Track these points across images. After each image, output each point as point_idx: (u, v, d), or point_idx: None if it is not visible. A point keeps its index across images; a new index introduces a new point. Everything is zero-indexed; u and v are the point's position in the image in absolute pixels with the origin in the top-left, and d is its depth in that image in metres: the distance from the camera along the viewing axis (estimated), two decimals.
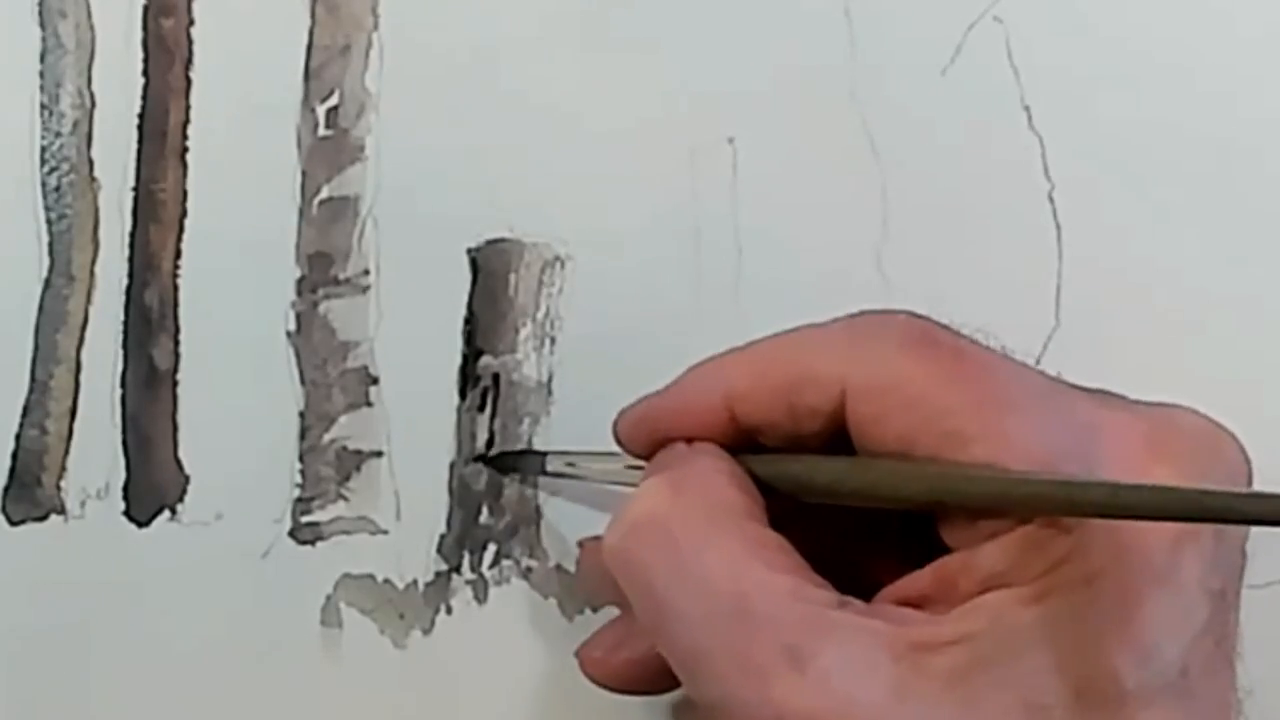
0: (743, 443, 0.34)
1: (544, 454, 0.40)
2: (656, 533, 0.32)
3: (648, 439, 0.36)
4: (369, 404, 0.41)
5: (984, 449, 0.31)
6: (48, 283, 0.40)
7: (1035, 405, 0.32)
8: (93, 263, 0.41)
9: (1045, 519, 0.30)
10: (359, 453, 0.41)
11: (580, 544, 0.40)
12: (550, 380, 0.41)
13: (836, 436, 0.33)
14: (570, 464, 0.39)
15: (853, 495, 0.33)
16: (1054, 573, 0.30)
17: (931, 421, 0.31)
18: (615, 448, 0.37)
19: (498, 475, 0.41)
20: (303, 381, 0.41)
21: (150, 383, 0.41)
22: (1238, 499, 0.28)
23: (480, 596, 0.41)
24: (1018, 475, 0.30)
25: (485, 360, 0.41)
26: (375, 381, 0.41)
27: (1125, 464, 0.31)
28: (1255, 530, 0.32)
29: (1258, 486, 0.33)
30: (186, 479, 0.40)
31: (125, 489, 0.40)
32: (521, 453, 0.41)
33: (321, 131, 0.41)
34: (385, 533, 0.41)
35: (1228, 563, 0.31)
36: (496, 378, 0.41)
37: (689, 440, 0.35)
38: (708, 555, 0.32)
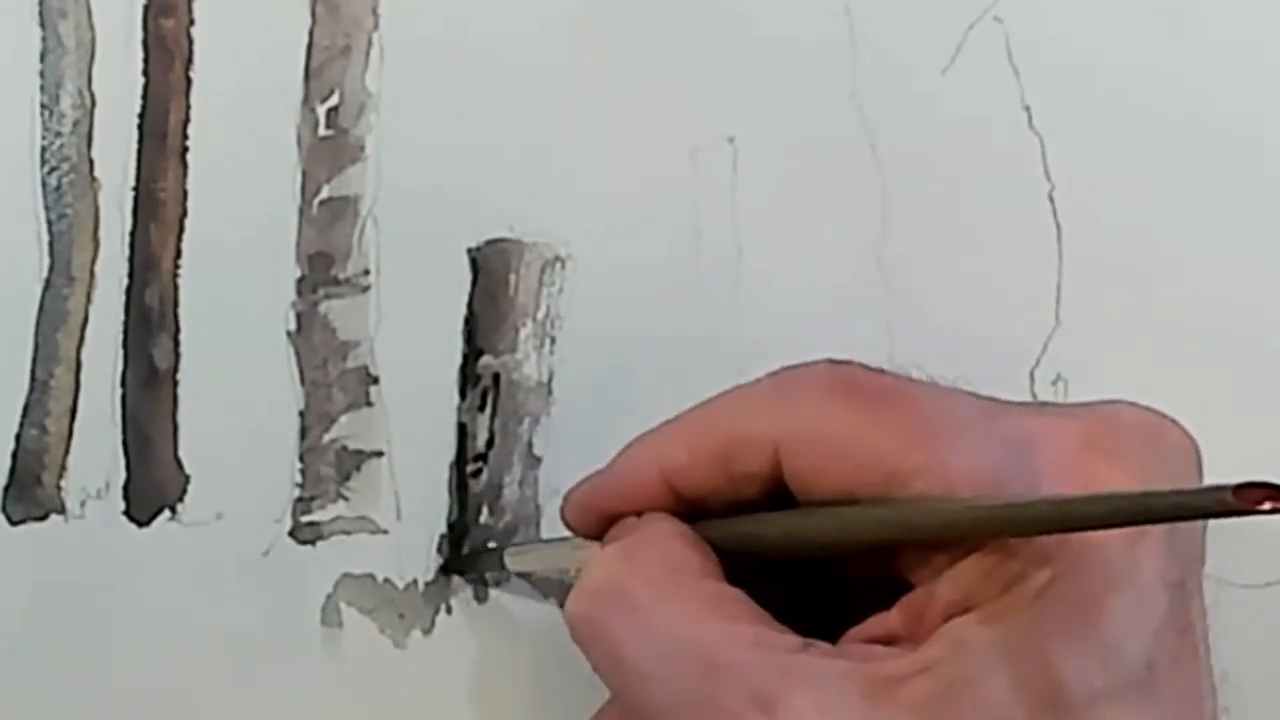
0: (689, 511, 0.35)
1: (500, 549, 0.40)
2: (615, 597, 0.33)
3: (596, 519, 0.36)
4: (369, 404, 0.41)
5: (925, 483, 0.31)
6: (48, 282, 0.40)
7: (966, 430, 0.32)
8: (93, 262, 0.41)
9: (998, 541, 0.30)
10: (359, 452, 0.41)
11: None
12: (550, 380, 0.41)
13: (777, 496, 0.33)
14: (525, 553, 0.40)
15: (805, 546, 0.33)
16: (1011, 590, 0.30)
17: (868, 467, 0.31)
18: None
19: (498, 475, 0.41)
20: (303, 381, 0.41)
21: (150, 382, 0.40)
22: (1179, 495, 0.28)
23: (480, 596, 0.41)
24: (961, 504, 0.30)
25: (485, 360, 0.41)
26: (375, 381, 0.41)
27: (1064, 467, 0.31)
28: (1256, 530, 0.32)
29: (1256, 474, 0.33)
30: (186, 479, 0.40)
31: (125, 489, 0.40)
32: (480, 552, 0.41)
33: (322, 131, 0.41)
34: (385, 532, 0.41)
35: (1185, 553, 0.32)
36: (497, 377, 0.41)
37: (638, 514, 0.35)
38: (667, 614, 0.32)
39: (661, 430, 0.35)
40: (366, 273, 0.41)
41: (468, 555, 0.41)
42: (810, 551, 0.33)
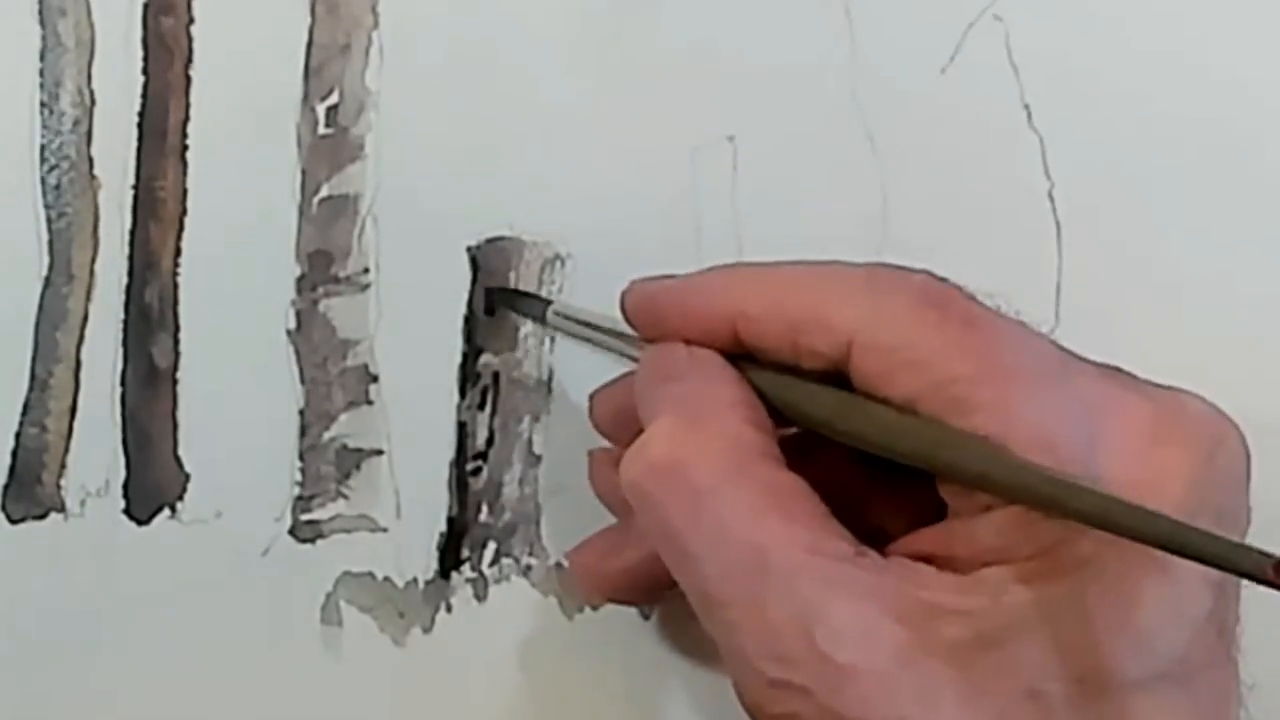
0: (740, 354, 0.34)
1: (548, 302, 0.40)
2: (674, 476, 0.32)
3: (650, 324, 0.35)
4: (369, 402, 0.41)
5: (986, 419, 0.30)
6: (48, 281, 0.40)
7: (1042, 380, 0.31)
8: (92, 261, 0.41)
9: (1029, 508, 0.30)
10: (359, 451, 0.41)
11: (590, 454, 0.39)
12: (550, 378, 0.41)
13: (837, 378, 0.33)
14: (569, 317, 0.39)
15: (845, 435, 0.32)
16: (1049, 554, 0.30)
17: (936, 386, 0.31)
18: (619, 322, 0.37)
19: (497, 473, 0.41)
20: (303, 379, 0.41)
21: (150, 381, 0.41)
22: (1221, 544, 0.27)
23: (480, 595, 0.41)
24: (1011, 460, 0.30)
25: (485, 358, 0.41)
26: (375, 379, 0.41)
27: (1128, 445, 0.30)
28: (1256, 528, 0.32)
29: (1256, 484, 0.33)
30: (186, 477, 0.40)
31: (125, 487, 0.40)
32: (526, 294, 0.40)
33: (321, 130, 0.41)
34: (385, 531, 0.41)
35: None
36: (496, 376, 0.41)
37: (688, 342, 0.34)
38: (725, 504, 0.31)
39: (743, 273, 0.34)
40: (366, 271, 0.41)
41: (511, 291, 0.41)
42: (848, 441, 0.32)
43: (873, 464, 0.34)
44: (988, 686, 0.29)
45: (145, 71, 0.41)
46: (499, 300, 0.41)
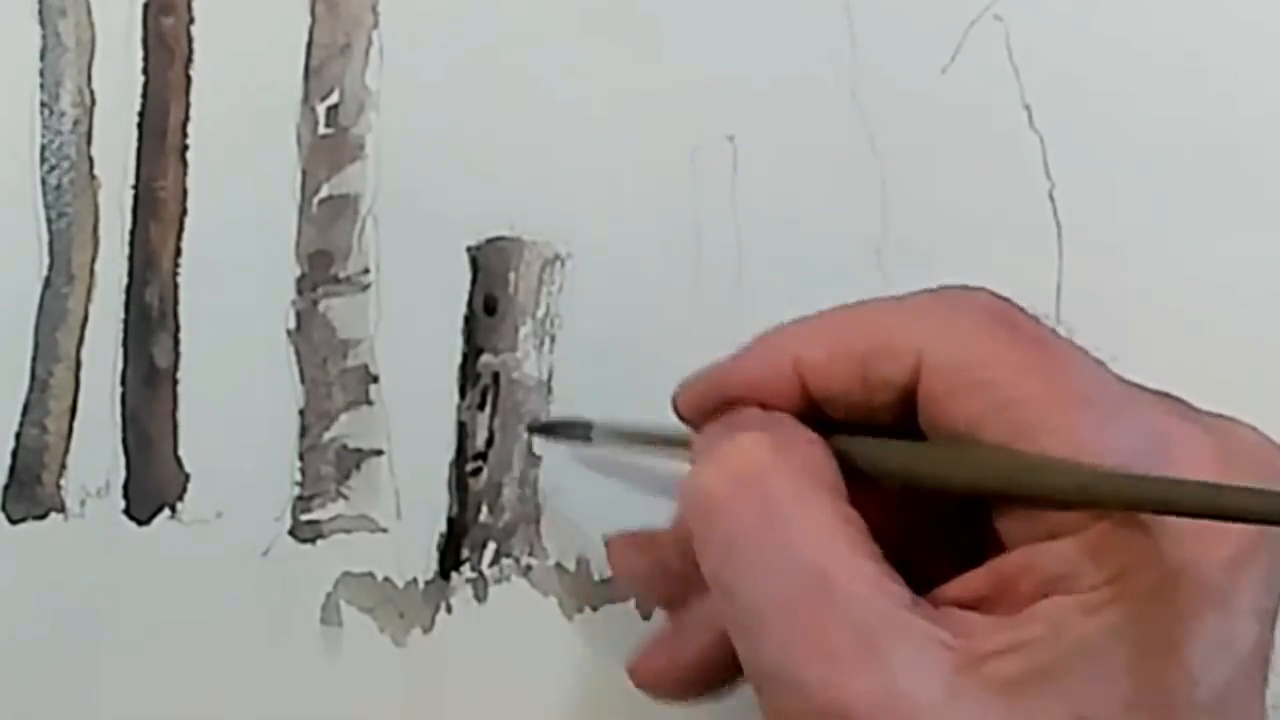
0: (809, 414, 0.34)
1: (590, 425, 0.39)
2: (752, 486, 0.31)
3: (714, 405, 0.35)
4: (369, 402, 0.41)
5: (1053, 443, 0.30)
6: (48, 281, 0.40)
7: (1109, 406, 0.31)
8: (93, 261, 0.41)
9: (1108, 525, 0.30)
10: (359, 451, 0.41)
11: (609, 541, 0.38)
12: (550, 379, 0.41)
13: (907, 411, 0.32)
14: (616, 432, 0.39)
15: (924, 477, 0.32)
16: (1122, 579, 0.29)
17: (1003, 408, 0.30)
18: (665, 426, 0.36)
19: (497, 473, 0.41)
20: (303, 380, 0.41)
21: (150, 381, 0.41)
22: None
23: (480, 595, 0.41)
24: (1114, 471, 0.29)
25: (485, 358, 0.41)
26: (375, 380, 0.41)
27: (1196, 476, 0.30)
28: None
29: None
30: (187, 477, 0.40)
31: (125, 487, 0.40)
32: (569, 423, 0.40)
33: (322, 130, 0.41)
34: (385, 531, 0.41)
35: (1275, 583, 0.31)
36: (496, 376, 0.41)
37: (763, 406, 0.34)
38: (798, 522, 0.31)
39: (800, 325, 0.34)
40: (366, 271, 0.41)
41: (553, 422, 0.40)
42: (927, 483, 0.32)
43: (914, 516, 0.33)
44: (1037, 713, 0.29)
45: (145, 71, 0.41)
46: (540, 433, 0.41)
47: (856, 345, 0.33)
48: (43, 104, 0.40)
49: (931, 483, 0.32)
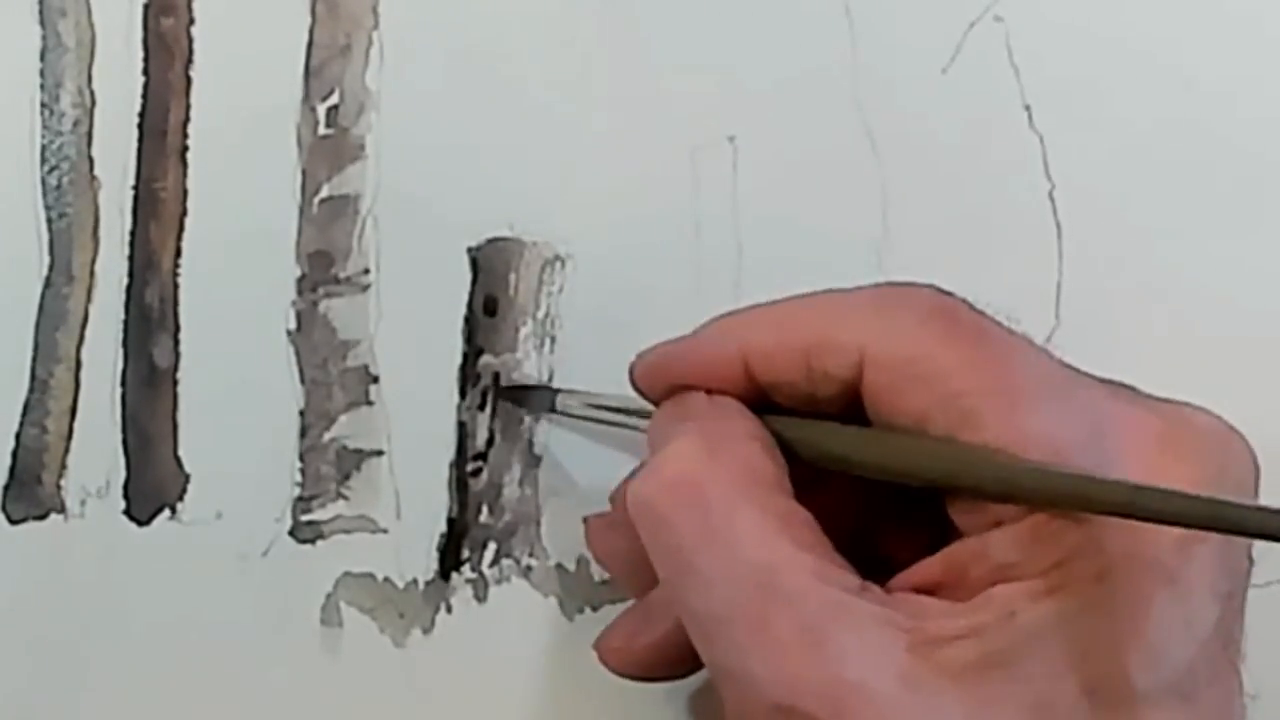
0: (756, 399, 0.34)
1: (555, 391, 0.40)
2: (689, 493, 0.32)
3: (664, 385, 0.36)
4: (369, 403, 0.41)
5: (997, 434, 0.30)
6: (48, 281, 0.40)
7: (1052, 394, 0.31)
8: (93, 261, 0.41)
9: (1048, 514, 0.30)
10: (359, 451, 0.41)
11: (586, 520, 0.39)
12: (550, 379, 0.41)
13: (851, 403, 0.33)
14: (578, 405, 0.39)
15: (865, 467, 0.33)
16: (1063, 567, 0.30)
17: (947, 400, 0.31)
18: (630, 398, 0.37)
19: (497, 474, 0.41)
20: (303, 380, 0.41)
21: (150, 381, 0.41)
22: (1254, 513, 0.27)
23: (480, 595, 0.41)
24: (1037, 466, 0.30)
25: (485, 359, 0.41)
26: (375, 380, 0.41)
27: (1139, 460, 0.31)
28: None
29: (1260, 487, 0.33)
30: (187, 478, 0.40)
31: (125, 488, 0.40)
32: (532, 388, 0.41)
33: (322, 130, 0.41)
34: (385, 531, 0.41)
35: (1236, 566, 0.31)
36: (496, 376, 0.41)
37: (708, 391, 0.35)
38: (738, 524, 0.31)
39: (749, 313, 0.35)
40: (366, 272, 0.41)
41: (520, 389, 0.41)
42: (869, 473, 0.33)
43: (874, 500, 0.34)
44: (995, 703, 0.29)
45: (146, 72, 0.41)
46: (505, 397, 0.41)
47: (800, 337, 0.33)
48: (43, 104, 0.40)
49: (872, 471, 0.33)
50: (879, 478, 0.33)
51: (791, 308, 0.34)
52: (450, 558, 0.41)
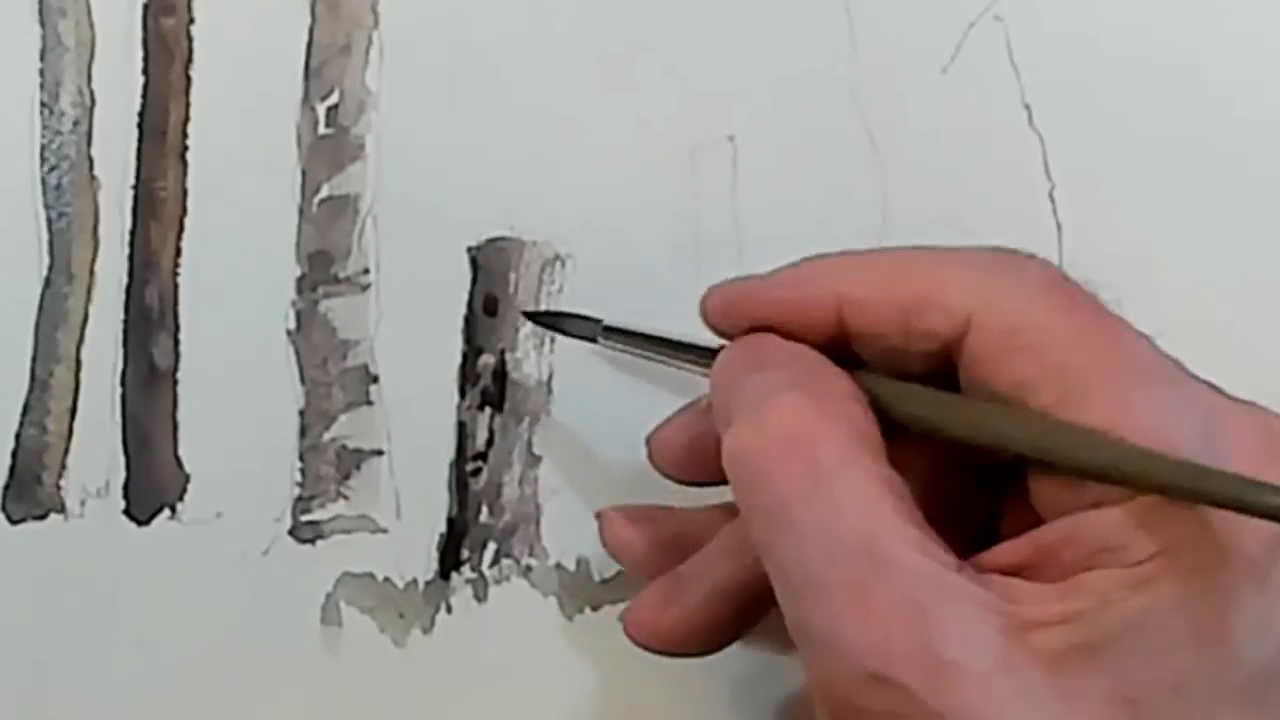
0: (837, 349, 0.33)
1: (598, 322, 0.39)
2: (799, 450, 0.31)
3: (743, 322, 0.35)
4: (369, 402, 0.41)
5: (1103, 413, 0.30)
6: (48, 281, 0.40)
7: (1164, 382, 0.31)
8: (93, 261, 0.41)
9: (1155, 500, 0.29)
10: (359, 451, 0.41)
11: (601, 515, 0.38)
12: (550, 379, 0.41)
13: (939, 366, 0.32)
14: (623, 331, 0.38)
15: (954, 431, 0.32)
16: (1162, 558, 0.29)
17: (1054, 373, 0.30)
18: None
19: (497, 474, 0.41)
20: (303, 380, 0.41)
21: (150, 381, 0.41)
22: None
23: (480, 595, 0.41)
24: (1153, 451, 0.29)
25: (485, 358, 0.41)
26: (375, 380, 0.41)
27: (1243, 458, 0.30)
28: None
29: None
30: (187, 478, 0.40)
31: (125, 488, 0.40)
32: (573, 315, 0.39)
33: (322, 130, 0.41)
34: (385, 531, 0.41)
35: None
36: (496, 376, 0.41)
37: (786, 336, 0.34)
38: (844, 487, 0.30)
39: (846, 259, 0.34)
40: (366, 271, 0.41)
41: (558, 312, 0.40)
42: (958, 436, 0.32)
43: (952, 477, 0.33)
44: (1085, 693, 0.29)
45: (145, 72, 0.41)
46: (540, 322, 0.40)
47: (905, 291, 0.32)
48: (43, 104, 0.41)
49: (968, 438, 0.32)
50: (975, 443, 0.32)
51: (896, 259, 0.33)
52: (450, 558, 0.41)
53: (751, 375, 0.33)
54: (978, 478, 0.33)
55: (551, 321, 0.40)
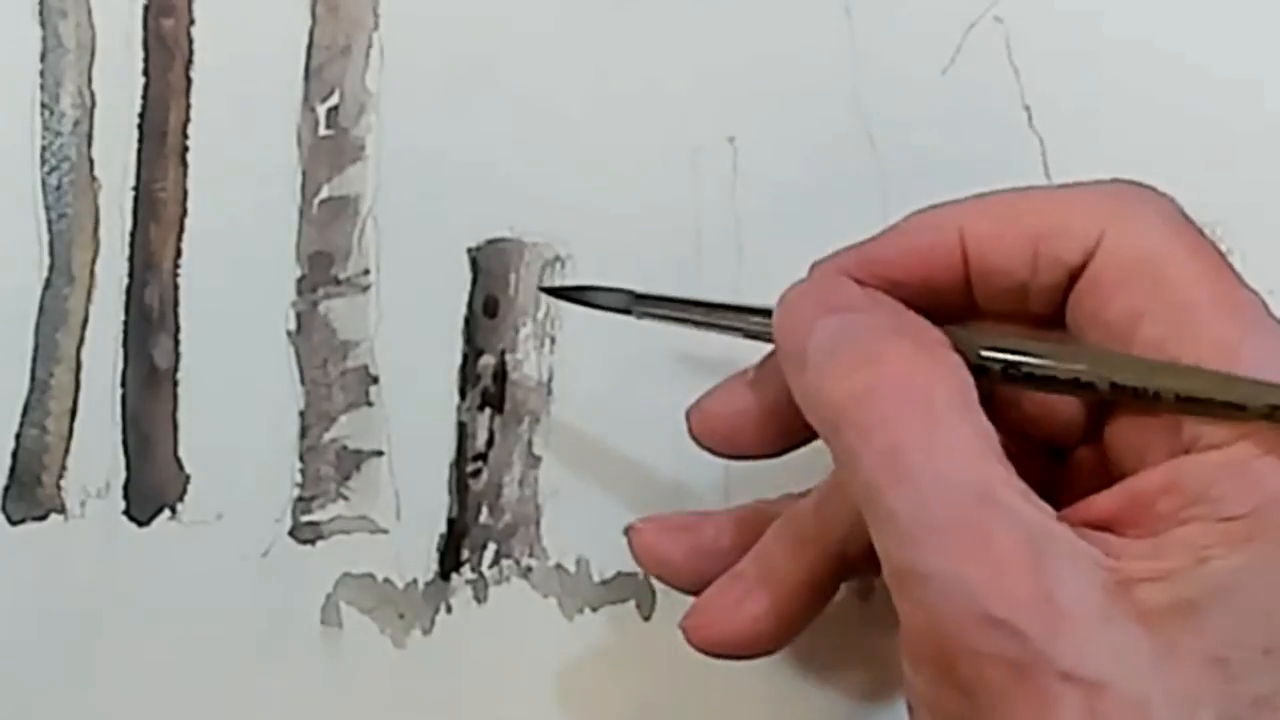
0: (959, 294, 0.33)
1: (631, 292, 0.37)
2: (915, 395, 0.30)
3: (876, 277, 0.34)
4: (369, 403, 0.41)
5: (1210, 353, 0.30)
6: (48, 282, 0.40)
7: (1273, 334, 0.30)
8: (93, 262, 0.41)
9: (1252, 443, 0.29)
10: (359, 452, 0.41)
11: (631, 529, 0.37)
12: (550, 380, 0.41)
13: (1058, 308, 0.32)
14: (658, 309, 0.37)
15: (1065, 372, 0.32)
16: (1259, 515, 0.29)
17: (1170, 308, 0.30)
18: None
19: (497, 474, 0.41)
20: (303, 381, 0.41)
21: (150, 382, 0.41)
22: None
23: (480, 596, 0.41)
24: (1255, 380, 0.29)
25: (485, 359, 0.41)
26: (375, 381, 0.41)
27: None
28: None
29: None
30: (187, 478, 0.40)
31: (125, 488, 0.40)
32: (605, 289, 0.38)
33: (322, 131, 0.41)
34: (385, 532, 0.41)
35: None
36: (496, 376, 0.41)
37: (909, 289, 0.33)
38: (959, 434, 0.30)
39: (963, 202, 0.33)
40: (366, 272, 0.41)
41: (583, 286, 0.38)
42: (1059, 372, 0.31)
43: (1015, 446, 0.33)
44: (1178, 651, 0.29)
45: (146, 73, 0.41)
46: (563, 296, 0.39)
47: (1032, 221, 0.32)
48: (43, 105, 0.41)
49: (1069, 375, 0.31)
50: (1076, 383, 0.31)
51: (1020, 195, 0.33)
52: (450, 558, 0.41)
53: (836, 318, 0.33)
54: (1034, 450, 0.33)
55: (576, 295, 0.38)
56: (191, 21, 0.41)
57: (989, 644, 0.29)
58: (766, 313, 0.34)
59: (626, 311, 0.37)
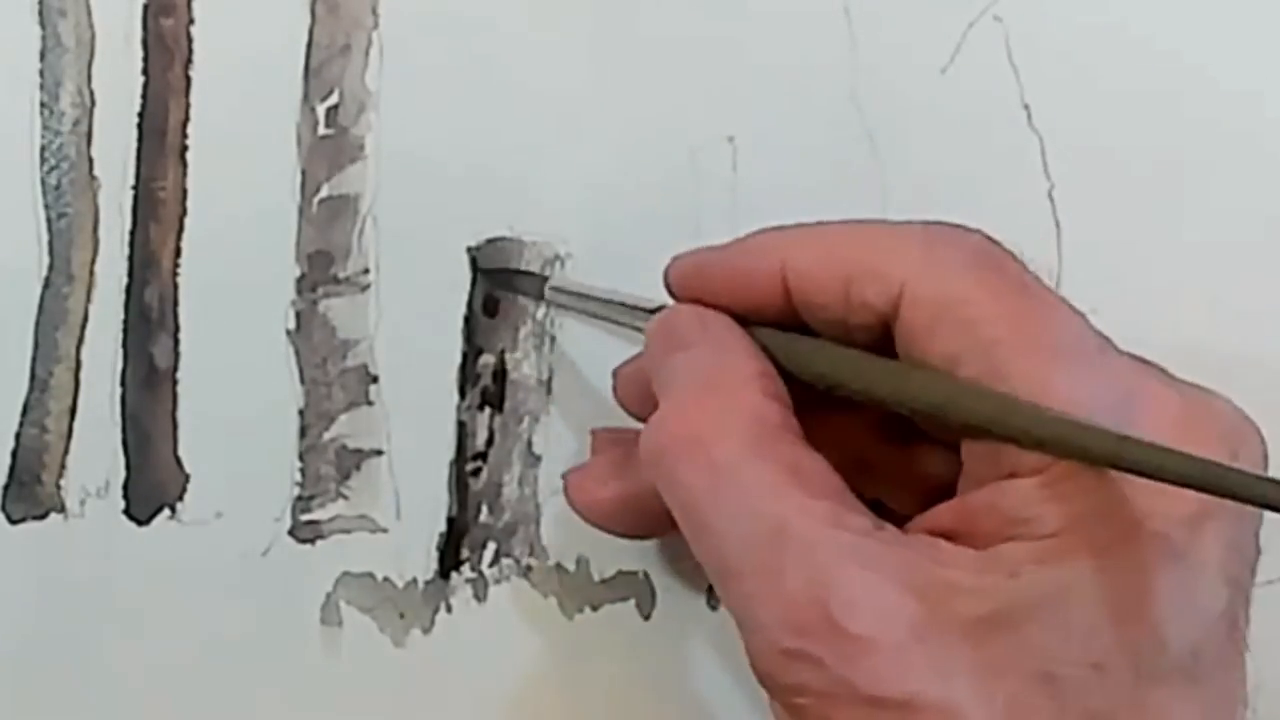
0: (786, 318, 0.34)
1: (546, 279, 0.40)
2: (695, 452, 0.32)
3: (697, 290, 0.35)
4: (369, 402, 0.41)
5: (1023, 388, 0.30)
6: (48, 281, 0.40)
7: (1084, 358, 0.31)
8: (92, 261, 0.41)
9: (1066, 469, 0.30)
10: (359, 451, 0.41)
11: (565, 476, 0.39)
12: (550, 379, 0.41)
13: (881, 338, 0.33)
14: (568, 292, 0.40)
15: (867, 393, 0.32)
16: (1071, 533, 0.30)
17: (980, 348, 0.31)
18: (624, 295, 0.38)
19: (497, 473, 0.41)
20: (302, 380, 0.41)
21: (150, 381, 0.41)
22: (1269, 485, 0.27)
23: (480, 595, 0.41)
24: (1058, 414, 0.29)
25: (485, 358, 0.41)
26: (375, 380, 0.41)
27: (1158, 434, 0.30)
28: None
29: None
30: (186, 477, 0.40)
31: (125, 487, 0.40)
32: (521, 272, 0.41)
33: (321, 130, 0.41)
34: (385, 531, 0.41)
35: (1244, 551, 0.31)
36: (496, 376, 0.41)
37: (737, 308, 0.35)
38: (746, 477, 0.31)
39: (793, 230, 0.34)
40: (366, 271, 0.41)
41: (507, 271, 0.41)
42: (875, 399, 0.32)
43: (887, 439, 0.34)
44: (1001, 666, 0.29)
45: (145, 72, 0.41)
46: (493, 284, 0.41)
47: (844, 262, 0.33)
48: (43, 104, 0.40)
49: (879, 397, 0.32)
50: (887, 406, 0.32)
51: (839, 231, 0.34)
52: (450, 558, 0.41)
53: (667, 358, 0.34)
54: (904, 446, 0.34)
55: (504, 280, 0.41)
56: (191, 21, 0.41)
57: (793, 675, 0.30)
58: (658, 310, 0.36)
59: (539, 297, 0.40)
